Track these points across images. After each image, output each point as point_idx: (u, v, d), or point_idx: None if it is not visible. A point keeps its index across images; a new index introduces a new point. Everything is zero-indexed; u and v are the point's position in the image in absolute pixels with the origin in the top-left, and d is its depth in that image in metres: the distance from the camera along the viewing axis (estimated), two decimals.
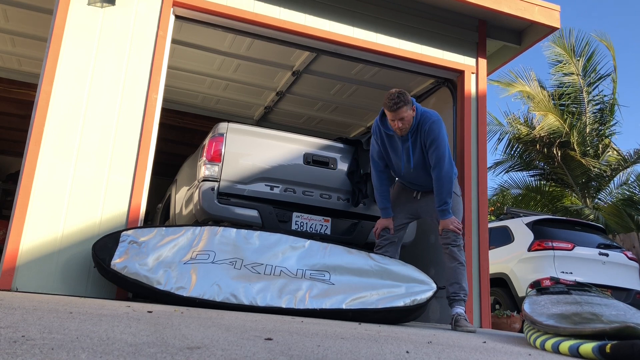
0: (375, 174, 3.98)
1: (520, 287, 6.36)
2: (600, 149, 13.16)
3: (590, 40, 13.31)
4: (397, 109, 3.64)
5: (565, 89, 13.54)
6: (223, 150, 4.21)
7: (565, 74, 13.54)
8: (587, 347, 1.89)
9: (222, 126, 4.33)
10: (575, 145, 12.75)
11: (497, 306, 6.77)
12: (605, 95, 13.39)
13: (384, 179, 3.97)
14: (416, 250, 5.09)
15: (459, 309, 3.68)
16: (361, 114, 7.55)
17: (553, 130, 12.81)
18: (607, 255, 6.53)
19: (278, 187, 4.33)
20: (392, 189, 4.15)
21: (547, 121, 12.86)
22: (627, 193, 12.27)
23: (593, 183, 13.24)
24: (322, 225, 4.36)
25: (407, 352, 1.69)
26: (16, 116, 8.08)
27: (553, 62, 13.78)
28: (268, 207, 4.21)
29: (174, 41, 5.31)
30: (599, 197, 13.43)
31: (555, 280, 3.04)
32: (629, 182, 13.14)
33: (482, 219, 5.11)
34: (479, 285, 4.95)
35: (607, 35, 13.99)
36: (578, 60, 13.33)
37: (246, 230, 3.91)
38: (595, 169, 12.73)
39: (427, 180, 3.85)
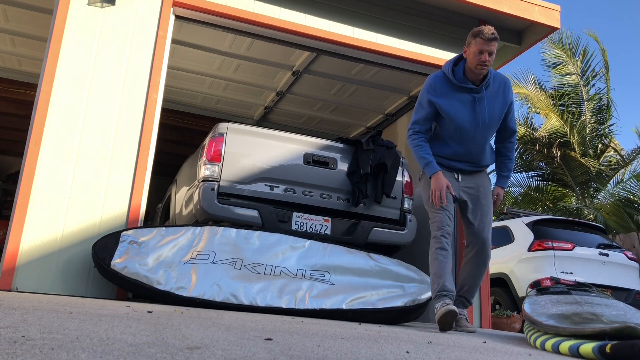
0: (415, 135, 3.48)
1: (521, 287, 6.36)
2: (599, 149, 13.16)
3: (582, 38, 13.39)
4: (494, 39, 3.26)
5: (566, 89, 13.55)
6: (223, 151, 4.21)
7: (564, 75, 13.55)
8: (587, 347, 1.89)
9: (222, 126, 4.33)
10: (575, 145, 12.76)
11: (497, 306, 6.77)
12: (602, 94, 13.40)
13: (424, 139, 3.48)
14: (416, 250, 5.08)
15: (462, 309, 3.60)
16: (361, 114, 7.55)
17: (554, 130, 12.82)
18: (607, 255, 6.53)
19: (278, 187, 4.33)
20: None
21: (550, 122, 12.87)
22: (624, 192, 12.27)
23: (593, 183, 13.24)
24: (322, 225, 4.36)
25: (407, 352, 1.69)
26: (16, 116, 8.08)
27: (549, 65, 13.80)
28: (268, 207, 4.20)
29: (174, 41, 5.31)
30: (598, 197, 13.43)
31: (556, 281, 3.04)
32: (625, 180, 13.15)
33: None
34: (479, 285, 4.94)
35: (594, 32, 14.02)
36: (576, 60, 13.34)
37: (246, 231, 3.91)
38: (595, 169, 12.73)
39: (480, 151, 3.51)
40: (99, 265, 3.58)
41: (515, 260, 6.62)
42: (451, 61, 3.47)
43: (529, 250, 6.48)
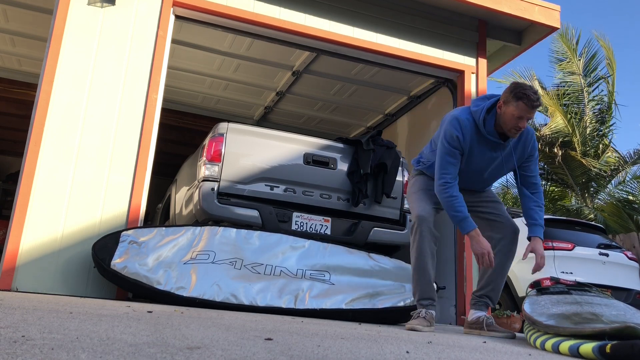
0: (447, 185, 3.09)
1: (520, 287, 6.35)
2: (600, 149, 13.16)
3: (591, 40, 13.34)
4: (538, 106, 2.98)
5: (567, 88, 13.54)
6: (223, 151, 4.21)
7: (567, 74, 13.55)
8: (587, 347, 1.88)
9: (222, 126, 4.33)
10: (576, 145, 12.76)
11: (497, 306, 6.77)
12: (604, 95, 13.40)
13: (457, 189, 3.14)
14: None
15: (486, 312, 3.36)
16: (361, 114, 7.55)
17: (558, 129, 12.82)
18: (607, 255, 6.52)
19: (278, 187, 4.33)
20: (415, 181, 3.51)
21: (555, 120, 12.86)
22: (624, 194, 12.26)
23: (593, 183, 13.23)
24: (322, 225, 4.36)
25: (407, 352, 1.69)
26: (16, 116, 8.08)
27: (554, 61, 13.79)
28: (268, 207, 4.20)
29: (174, 41, 5.31)
30: (599, 197, 13.42)
31: (555, 280, 3.04)
32: (626, 180, 13.14)
33: None
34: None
35: (606, 36, 13.98)
36: (579, 59, 13.34)
37: (246, 231, 3.91)
38: (595, 169, 12.73)
39: (484, 187, 3.40)
40: (99, 265, 3.58)
41: (515, 260, 6.60)
42: (484, 108, 3.09)
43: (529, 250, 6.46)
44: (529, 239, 3.20)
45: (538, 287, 3.05)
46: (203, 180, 4.16)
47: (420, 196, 3.35)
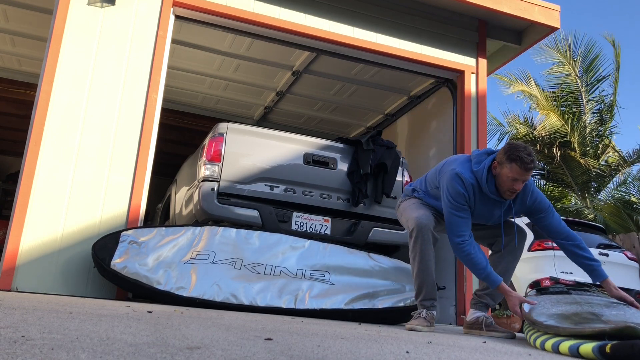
0: (467, 239, 3.02)
1: (520, 287, 6.35)
2: (600, 149, 13.16)
3: (590, 42, 13.32)
4: (533, 168, 2.91)
5: (563, 89, 13.55)
6: (223, 150, 4.21)
7: (560, 76, 13.55)
8: (587, 347, 1.88)
9: (222, 126, 4.33)
10: (575, 145, 12.76)
11: (497, 306, 6.77)
12: (605, 96, 13.39)
13: (476, 246, 3.06)
14: None
15: (485, 312, 3.33)
16: (361, 114, 7.55)
17: (555, 130, 12.81)
18: (607, 255, 6.52)
19: (278, 187, 4.33)
20: (407, 200, 3.46)
21: (549, 120, 12.86)
22: (625, 195, 12.26)
23: (593, 183, 13.23)
24: (322, 225, 4.36)
25: (407, 352, 1.69)
26: (16, 116, 8.08)
27: (545, 65, 13.81)
28: (268, 207, 4.21)
29: (174, 41, 5.31)
30: (598, 197, 13.42)
31: (555, 280, 3.03)
32: (627, 182, 13.14)
33: None
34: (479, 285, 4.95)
35: (610, 34, 13.94)
36: (575, 61, 13.32)
37: (246, 231, 3.91)
38: (595, 169, 12.73)
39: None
40: (99, 265, 3.58)
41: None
42: (485, 167, 3.04)
43: (529, 250, 6.47)
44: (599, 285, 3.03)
45: (537, 287, 3.05)
46: (203, 180, 4.16)
47: (416, 206, 3.32)
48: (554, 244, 3.45)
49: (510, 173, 2.91)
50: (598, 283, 3.02)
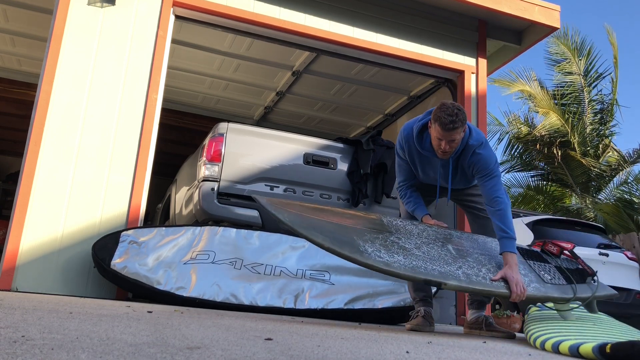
0: (407, 192, 3.18)
1: None
2: (600, 149, 13.15)
3: (588, 39, 13.34)
4: (452, 129, 2.81)
5: (567, 88, 13.54)
6: (223, 150, 4.21)
7: (566, 74, 13.54)
8: (587, 347, 1.89)
9: (222, 126, 4.33)
10: (575, 145, 12.75)
11: (497, 306, 6.76)
12: (605, 95, 13.39)
13: (417, 194, 3.19)
14: None
15: (484, 311, 3.29)
16: (361, 114, 7.55)
17: (555, 129, 12.81)
18: (607, 255, 6.52)
19: (278, 187, 4.33)
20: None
21: (549, 120, 12.86)
22: (626, 195, 12.25)
23: (593, 183, 13.23)
24: None
25: (407, 352, 1.69)
26: (16, 116, 8.08)
27: (551, 62, 13.78)
28: None
29: (174, 41, 5.31)
30: (599, 197, 13.42)
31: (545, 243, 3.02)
32: (628, 181, 13.13)
33: None
34: None
35: (614, 34, 13.88)
36: (580, 60, 13.32)
37: (246, 231, 3.91)
38: (595, 169, 12.73)
39: (454, 185, 3.24)
40: (99, 265, 3.58)
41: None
42: (419, 124, 3.02)
43: None
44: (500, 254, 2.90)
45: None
46: (203, 180, 4.16)
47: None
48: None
49: (435, 133, 2.88)
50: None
